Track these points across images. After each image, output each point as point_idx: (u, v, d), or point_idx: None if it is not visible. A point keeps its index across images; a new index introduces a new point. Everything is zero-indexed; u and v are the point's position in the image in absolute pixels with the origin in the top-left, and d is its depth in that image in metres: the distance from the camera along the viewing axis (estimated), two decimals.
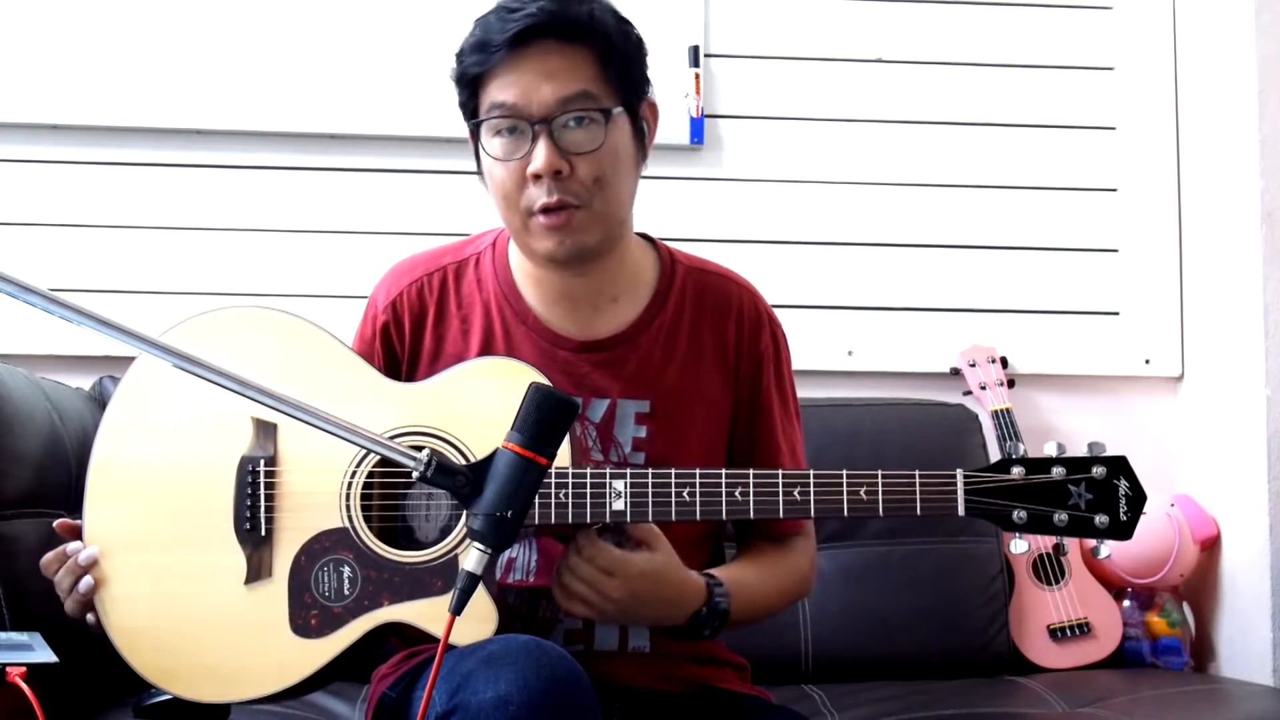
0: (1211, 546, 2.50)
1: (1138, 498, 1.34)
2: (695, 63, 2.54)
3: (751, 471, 1.36)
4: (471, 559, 1.11)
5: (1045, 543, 2.41)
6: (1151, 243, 2.66)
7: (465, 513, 1.14)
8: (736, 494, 1.35)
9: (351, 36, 2.50)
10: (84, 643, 1.45)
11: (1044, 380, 2.62)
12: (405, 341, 1.56)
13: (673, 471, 1.36)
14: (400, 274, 1.60)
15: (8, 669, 1.22)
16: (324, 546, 1.39)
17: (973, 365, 2.53)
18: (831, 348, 2.57)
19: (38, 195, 2.45)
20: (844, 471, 1.36)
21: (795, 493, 1.35)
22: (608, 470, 1.36)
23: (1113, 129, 2.68)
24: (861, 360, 2.58)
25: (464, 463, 1.34)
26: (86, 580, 1.39)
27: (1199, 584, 2.53)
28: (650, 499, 1.35)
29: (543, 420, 1.14)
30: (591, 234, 1.45)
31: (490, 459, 1.14)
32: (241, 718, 1.70)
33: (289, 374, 1.42)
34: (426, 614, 1.36)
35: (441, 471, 1.14)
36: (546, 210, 1.42)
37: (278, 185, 2.51)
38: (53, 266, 2.42)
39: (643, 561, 1.39)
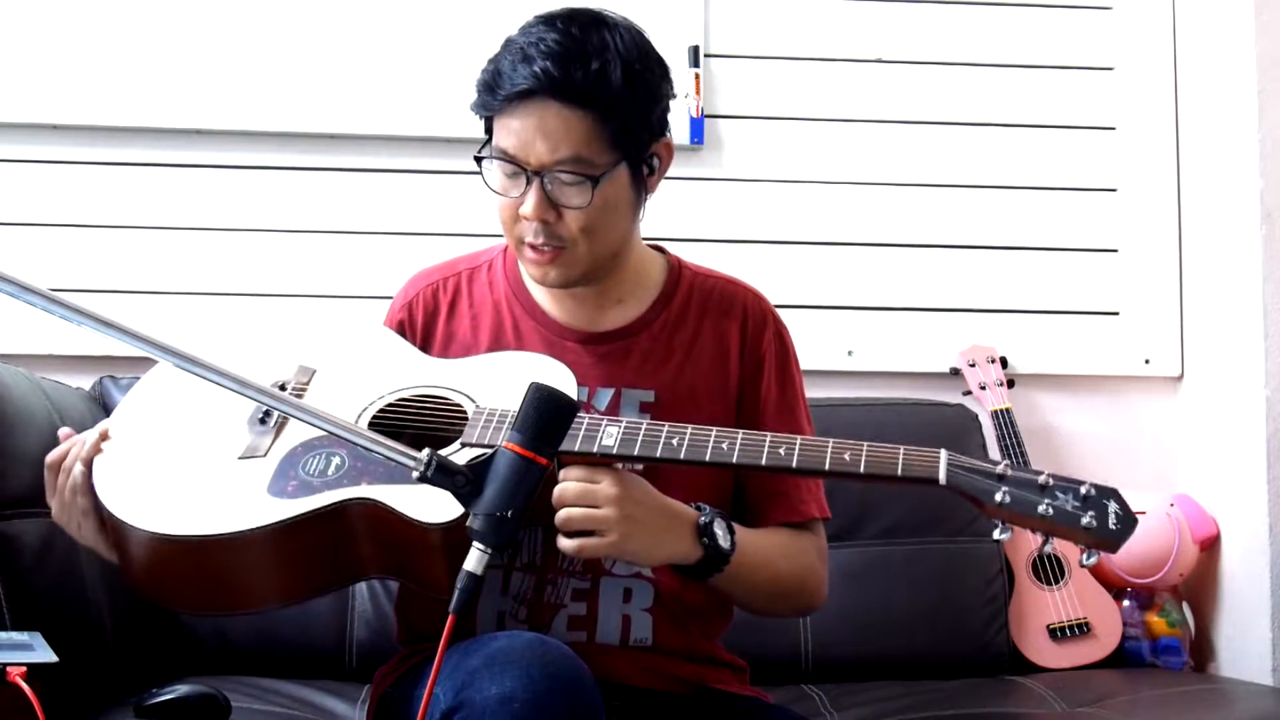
0: (1211, 546, 2.50)
1: (1128, 519, 1.26)
2: (695, 63, 2.54)
3: (741, 432, 1.36)
4: (471, 559, 1.12)
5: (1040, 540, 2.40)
6: (1151, 243, 2.66)
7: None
8: (724, 445, 1.36)
9: (351, 36, 2.50)
10: (84, 643, 1.45)
11: (1044, 380, 2.62)
12: (417, 333, 1.63)
13: (665, 425, 1.37)
14: (418, 280, 1.68)
15: (8, 669, 1.22)
16: (323, 441, 1.43)
17: (973, 365, 2.53)
18: (831, 348, 2.57)
19: (38, 195, 2.45)
20: (830, 440, 1.35)
21: (781, 450, 1.35)
22: (603, 418, 1.39)
23: (1113, 129, 2.68)
24: (861, 360, 2.58)
25: (472, 405, 1.43)
26: (91, 434, 1.43)
27: (1199, 584, 2.53)
28: (640, 438, 1.36)
29: (543, 420, 1.14)
30: (574, 270, 1.52)
31: (490, 459, 1.15)
32: (242, 717, 1.71)
33: (342, 342, 1.59)
34: (399, 497, 1.34)
35: (441, 471, 1.14)
36: (534, 247, 1.49)
37: (278, 185, 2.51)
38: (53, 266, 2.42)
39: (623, 473, 1.38)
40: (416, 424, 1.48)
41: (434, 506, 1.25)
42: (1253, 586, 2.39)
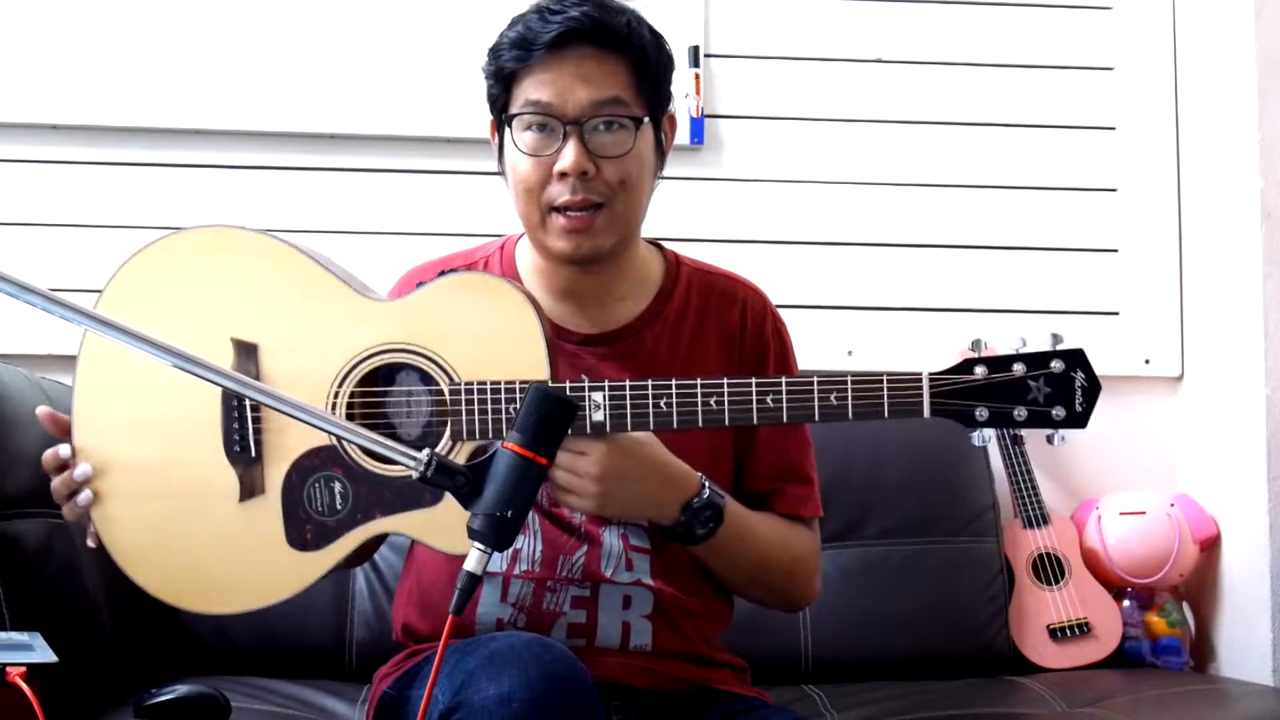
0: (1211, 546, 2.50)
1: (1093, 388, 1.37)
2: (695, 63, 2.54)
3: (725, 380, 1.37)
4: (472, 559, 1.12)
5: (1045, 542, 2.42)
6: (1151, 243, 2.66)
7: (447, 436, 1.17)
8: (712, 402, 1.36)
9: (351, 36, 2.50)
10: (84, 643, 1.45)
11: None
12: None
13: (650, 382, 1.37)
14: (411, 277, 1.65)
15: (8, 669, 1.21)
16: (313, 464, 1.40)
17: None
18: (831, 348, 2.57)
19: (38, 195, 2.45)
20: (815, 377, 1.38)
21: (769, 399, 1.37)
22: (585, 382, 1.37)
23: (1113, 129, 2.68)
24: (861, 360, 2.58)
25: (447, 380, 1.39)
26: (85, 494, 1.41)
27: (1199, 584, 2.53)
28: (629, 409, 1.37)
29: (543, 420, 1.14)
30: (608, 237, 1.49)
31: (490, 459, 1.15)
32: (242, 717, 1.71)
33: (266, 295, 1.44)
34: (418, 525, 1.39)
35: (441, 471, 1.14)
36: (569, 208, 1.45)
37: (278, 185, 2.51)
38: (53, 266, 2.41)
39: (622, 437, 1.38)
40: (392, 412, 1.45)
41: (457, 535, 1.20)
42: (1253, 586, 2.39)
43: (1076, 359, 1.38)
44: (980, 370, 1.38)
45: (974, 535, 2.35)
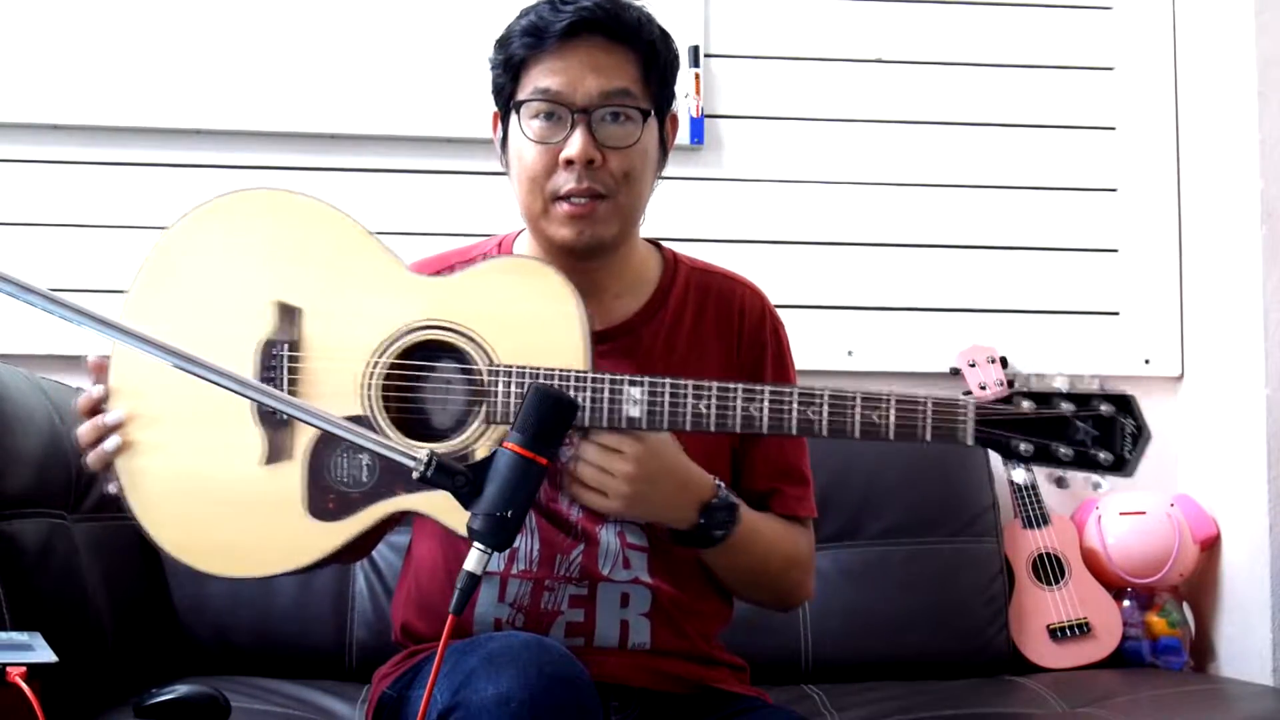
0: (1211, 546, 2.50)
1: (1142, 435, 1.35)
2: (695, 63, 2.54)
3: (767, 387, 1.37)
4: (471, 559, 1.12)
5: (1045, 542, 2.42)
6: (1151, 243, 2.66)
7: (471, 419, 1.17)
8: (751, 409, 1.36)
9: (351, 36, 2.50)
10: (84, 643, 1.45)
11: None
12: None
13: (689, 383, 1.36)
14: None
15: (8, 669, 1.21)
16: None
17: (973, 365, 2.53)
18: (831, 348, 2.57)
19: (38, 195, 2.45)
20: (859, 392, 1.36)
21: (809, 411, 1.36)
22: (625, 377, 1.37)
23: (1113, 129, 2.68)
24: (861, 360, 2.58)
25: (487, 360, 1.39)
26: (114, 439, 1.39)
27: (1199, 584, 2.53)
28: (665, 407, 1.36)
29: (543, 420, 1.14)
30: (610, 227, 1.49)
31: (490, 459, 1.15)
32: (242, 717, 1.71)
33: (316, 261, 1.45)
34: (438, 505, 1.36)
35: (441, 471, 1.14)
36: (573, 197, 1.46)
37: (278, 185, 2.50)
38: (53, 266, 2.42)
39: (651, 437, 1.38)
40: (430, 391, 1.44)
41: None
42: (1253, 586, 2.39)
43: (1126, 404, 1.35)
44: (1027, 404, 1.35)
45: (974, 535, 2.35)
